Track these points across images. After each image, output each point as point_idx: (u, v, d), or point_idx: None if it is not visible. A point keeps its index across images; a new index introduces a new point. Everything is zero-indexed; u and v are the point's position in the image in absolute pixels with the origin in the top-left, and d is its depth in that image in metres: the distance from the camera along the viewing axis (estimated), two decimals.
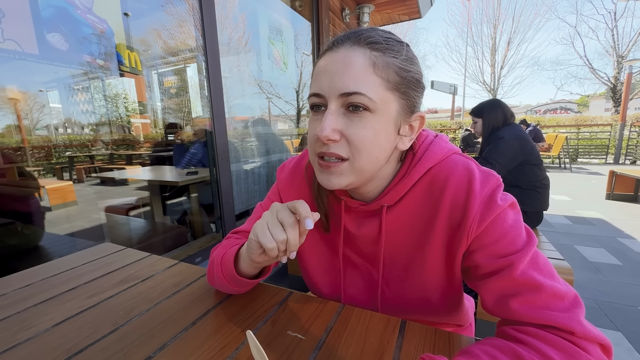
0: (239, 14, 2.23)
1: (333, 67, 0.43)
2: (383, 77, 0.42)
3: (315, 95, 0.45)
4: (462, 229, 0.46)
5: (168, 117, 2.79)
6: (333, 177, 0.45)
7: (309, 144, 0.49)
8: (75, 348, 0.47)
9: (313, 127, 0.46)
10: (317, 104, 0.45)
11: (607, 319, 1.66)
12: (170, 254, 1.64)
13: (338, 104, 0.43)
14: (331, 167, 0.45)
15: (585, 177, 5.88)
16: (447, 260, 0.50)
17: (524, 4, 19.09)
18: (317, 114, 0.46)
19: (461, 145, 7.20)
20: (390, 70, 0.43)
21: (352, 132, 0.43)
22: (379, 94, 0.42)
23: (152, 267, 0.75)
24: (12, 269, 0.75)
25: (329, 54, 0.44)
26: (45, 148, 2.23)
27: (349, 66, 0.42)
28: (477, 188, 0.45)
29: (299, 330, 0.50)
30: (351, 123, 0.43)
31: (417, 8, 3.68)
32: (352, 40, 0.43)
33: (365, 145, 0.43)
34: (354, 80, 0.41)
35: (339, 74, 0.42)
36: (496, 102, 1.90)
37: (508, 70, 19.33)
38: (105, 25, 1.42)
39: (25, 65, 1.13)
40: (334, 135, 0.43)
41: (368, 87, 0.41)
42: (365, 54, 0.42)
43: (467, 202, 0.45)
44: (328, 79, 0.43)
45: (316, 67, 0.47)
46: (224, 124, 1.74)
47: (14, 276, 0.72)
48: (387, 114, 0.44)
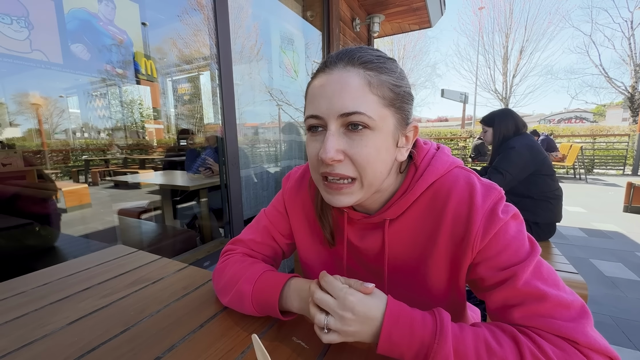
0: (252, 24, 2.29)
1: (330, 89, 0.44)
2: (379, 95, 0.44)
3: (313, 117, 0.45)
4: (465, 242, 0.46)
5: (181, 123, 2.85)
6: (343, 197, 0.46)
7: (310, 165, 0.50)
8: (89, 346, 0.49)
9: (313, 148, 0.47)
10: (315, 125, 0.46)
11: (624, 337, 1.59)
12: (180, 257, 1.67)
13: (338, 124, 0.44)
14: (343, 189, 0.46)
15: (601, 189, 5.72)
16: (451, 273, 0.50)
17: (536, 12, 18.87)
18: (315, 135, 0.47)
19: (472, 154, 7.11)
20: (384, 87, 0.44)
21: (356, 152, 0.44)
22: (376, 112, 0.43)
23: (162, 270, 0.77)
24: (29, 269, 0.78)
25: (323, 76, 0.45)
26: (63, 152, 2.31)
27: (345, 87, 0.43)
28: (479, 202, 0.45)
29: (304, 337, 0.50)
30: (353, 142, 0.44)
31: (427, 17, 3.70)
32: (345, 61, 0.44)
33: (370, 162, 0.44)
34: (352, 101, 0.42)
35: (336, 95, 0.43)
36: (508, 111, 1.88)
37: (520, 78, 19.12)
38: (125, 35, 1.48)
39: (49, 74, 1.19)
40: (338, 155, 0.43)
41: (366, 105, 0.43)
42: (359, 74, 0.43)
43: (470, 216, 0.45)
44: (326, 101, 0.44)
45: (310, 88, 0.47)
46: (234, 131, 1.77)
47: (31, 275, 0.75)
48: (386, 130, 0.45)
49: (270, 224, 0.65)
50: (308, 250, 0.63)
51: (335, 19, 2.91)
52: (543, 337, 0.38)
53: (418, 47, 22.66)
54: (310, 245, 0.62)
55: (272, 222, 0.65)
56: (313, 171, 0.49)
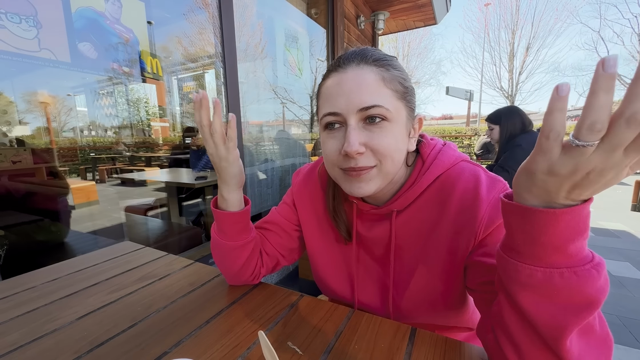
0: (257, 22, 2.29)
1: (347, 86, 0.46)
2: (392, 89, 0.46)
3: (332, 115, 0.47)
4: (468, 230, 0.47)
5: (186, 121, 2.87)
6: (363, 184, 0.47)
7: (328, 162, 0.50)
8: (97, 341, 0.50)
9: (332, 145, 0.48)
10: (333, 122, 0.48)
11: (631, 337, 1.58)
12: (186, 254, 1.68)
13: (357, 118, 0.46)
14: (362, 174, 0.47)
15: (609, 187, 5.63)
16: (454, 262, 0.50)
17: (543, 9, 18.49)
18: (332, 132, 0.48)
19: (480, 151, 7.02)
20: (396, 82, 0.47)
21: (377, 142, 0.45)
22: (392, 104, 0.46)
23: (169, 266, 0.78)
24: (40, 264, 0.80)
25: (337, 75, 0.47)
26: (71, 149, 2.34)
27: (362, 83, 0.45)
28: (484, 192, 0.47)
29: (300, 344, 0.49)
30: (373, 134, 0.46)
31: (432, 14, 3.67)
32: (358, 60, 0.47)
33: (390, 152, 0.46)
34: (370, 95, 0.45)
35: (354, 92, 0.45)
36: (514, 109, 1.86)
37: (527, 76, 18.86)
38: (131, 34, 1.49)
39: (57, 72, 1.21)
40: (361, 148, 0.45)
41: (383, 99, 0.45)
42: (373, 71, 0.46)
43: (475, 206, 0.47)
44: (344, 98, 0.46)
45: (324, 88, 0.49)
46: (239, 128, 1.78)
47: (41, 271, 0.77)
48: (401, 121, 0.48)
49: (280, 215, 0.68)
50: (316, 240, 0.65)
51: (339, 17, 2.90)
52: None
53: (423, 44, 22.49)
54: (318, 236, 0.64)
55: (282, 214, 0.68)
56: (331, 167, 0.50)
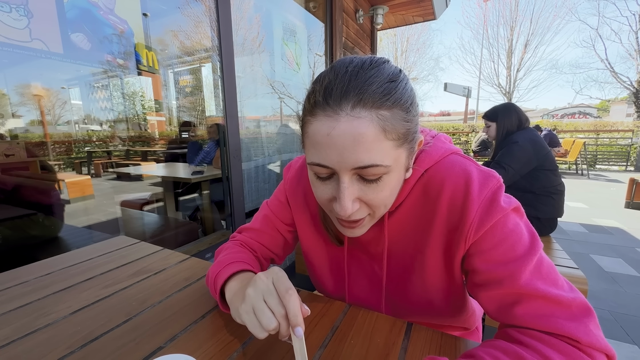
0: (254, 15, 2.26)
1: (340, 141, 0.37)
2: (394, 138, 0.39)
3: (321, 166, 0.40)
4: (459, 232, 0.45)
5: (182, 116, 2.85)
6: (356, 230, 0.47)
7: (320, 204, 0.48)
8: (91, 335, 0.49)
9: (322, 192, 0.44)
10: (323, 173, 0.42)
11: (622, 332, 1.60)
12: (182, 249, 1.68)
13: (350, 174, 0.40)
14: (356, 226, 0.46)
15: (603, 185, 5.69)
16: (447, 263, 0.49)
17: (542, 5, 18.44)
18: (323, 181, 0.43)
19: (478, 147, 7.03)
20: (398, 124, 0.38)
21: (372, 197, 0.42)
22: (391, 156, 0.39)
23: (164, 261, 0.77)
24: (33, 258, 0.79)
25: (327, 120, 0.38)
26: (65, 143, 2.31)
27: (358, 139, 0.37)
28: (475, 191, 0.43)
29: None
30: (368, 189, 0.41)
31: (432, 9, 3.64)
32: (354, 101, 0.37)
33: (385, 202, 0.44)
34: (367, 153, 0.37)
35: (348, 149, 0.37)
36: (511, 106, 1.86)
37: (524, 73, 18.86)
38: (126, 25, 1.46)
39: (50, 64, 1.18)
40: (355, 206, 0.42)
41: (382, 155, 0.38)
42: (373, 120, 0.37)
43: (465, 206, 0.44)
44: (336, 153, 0.38)
45: (311, 130, 0.40)
46: (236, 123, 1.77)
47: (34, 265, 0.76)
48: (400, 166, 0.42)
49: (272, 213, 0.65)
50: (310, 239, 0.63)
51: (338, 11, 2.87)
52: (545, 340, 0.37)
53: (421, 39, 22.37)
54: (312, 234, 0.63)
55: (274, 211, 0.65)
56: (323, 207, 0.48)
